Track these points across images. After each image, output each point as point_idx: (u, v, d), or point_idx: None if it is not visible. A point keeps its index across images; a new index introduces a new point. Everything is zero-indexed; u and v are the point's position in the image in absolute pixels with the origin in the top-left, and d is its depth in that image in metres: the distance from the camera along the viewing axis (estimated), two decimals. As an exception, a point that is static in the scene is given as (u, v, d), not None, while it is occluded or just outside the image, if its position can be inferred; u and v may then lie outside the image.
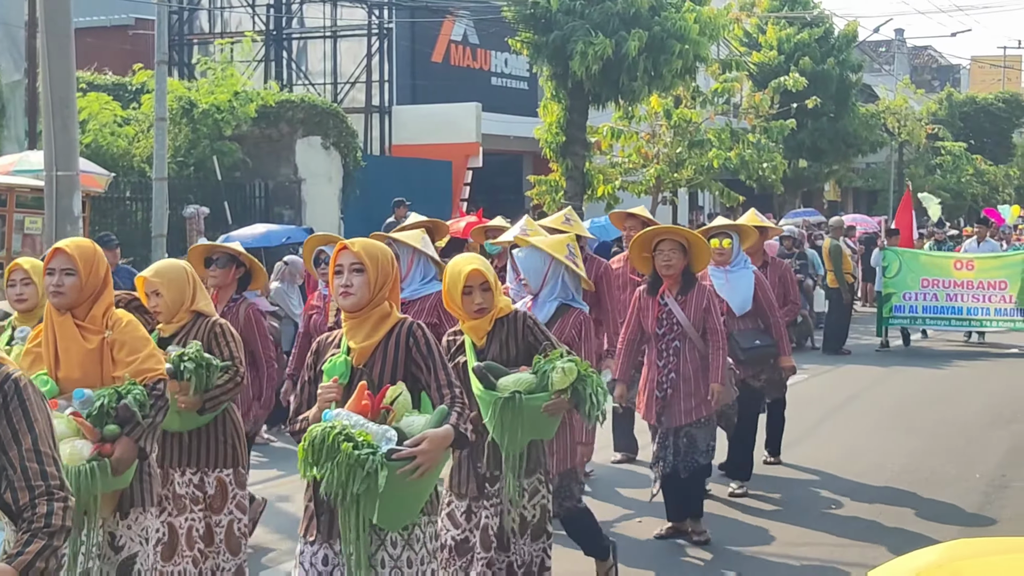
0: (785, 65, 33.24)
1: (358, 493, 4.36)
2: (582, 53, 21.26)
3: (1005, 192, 48.91)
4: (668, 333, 8.04)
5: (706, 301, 8.02)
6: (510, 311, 5.75)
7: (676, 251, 7.87)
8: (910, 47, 69.00)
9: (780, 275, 10.41)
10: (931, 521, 8.86)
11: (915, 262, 19.66)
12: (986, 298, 19.10)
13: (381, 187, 22.43)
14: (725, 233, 9.27)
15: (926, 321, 19.82)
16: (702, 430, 8.13)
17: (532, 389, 5.49)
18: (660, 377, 8.06)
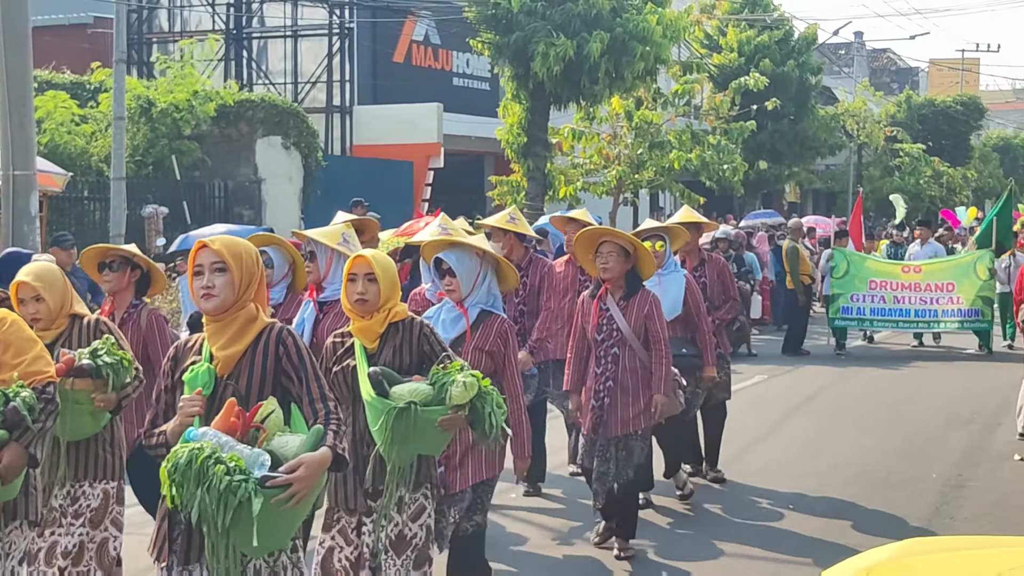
0: (745, 67, 33.40)
1: (228, 523, 4.02)
2: (543, 54, 21.28)
3: (963, 194, 49.31)
4: (607, 339, 7.73)
5: (648, 307, 7.69)
6: (406, 316, 5.40)
7: (616, 254, 7.55)
8: (869, 50, 69.49)
9: (719, 272, 10.01)
10: (889, 521, 8.91)
11: (863, 264, 19.59)
12: (933, 300, 19.00)
13: (342, 187, 22.34)
14: (657, 235, 8.87)
15: (873, 323, 19.69)
16: (639, 443, 7.81)
17: (428, 401, 5.12)
18: (598, 385, 7.73)
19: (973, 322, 18.88)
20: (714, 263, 10.10)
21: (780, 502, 9.50)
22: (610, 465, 7.73)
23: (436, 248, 6.38)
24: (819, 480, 10.27)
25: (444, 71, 30.66)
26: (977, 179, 53.02)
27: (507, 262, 6.49)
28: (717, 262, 10.20)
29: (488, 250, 6.31)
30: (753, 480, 10.29)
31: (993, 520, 8.93)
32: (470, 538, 6.26)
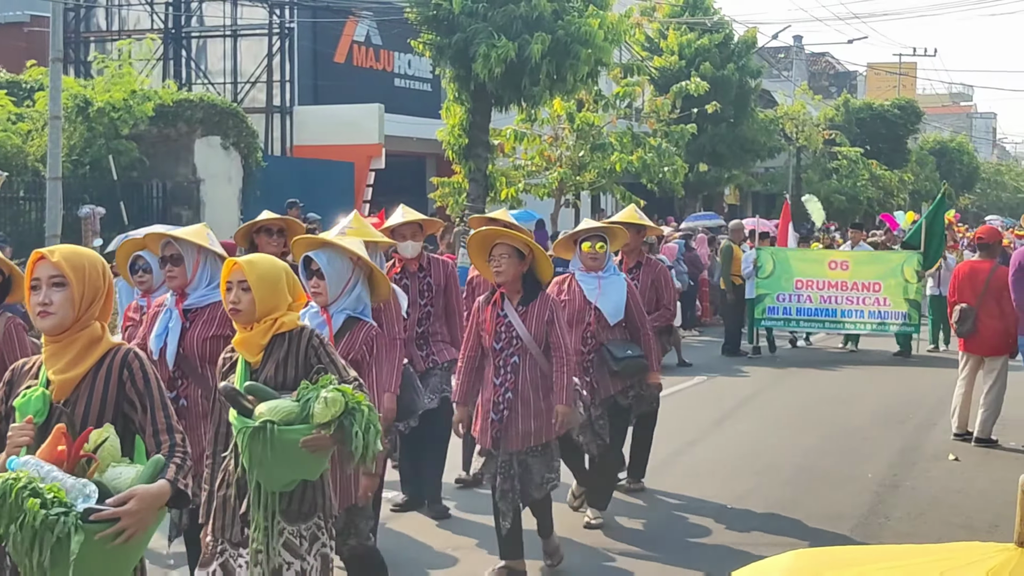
0: (686, 70, 33.61)
1: (44, 562, 3.58)
2: (485, 56, 21.25)
3: (900, 197, 49.88)
4: (506, 348, 7.27)
5: (549, 313, 7.26)
6: (295, 327, 5.00)
7: (510, 256, 7.10)
8: (808, 54, 70.15)
9: (654, 277, 9.63)
10: (825, 520, 8.99)
11: (789, 262, 19.33)
12: (860, 300, 18.86)
13: (282, 188, 22.23)
14: (597, 236, 8.55)
15: (799, 323, 19.57)
16: (539, 458, 7.35)
17: (291, 419, 4.68)
18: (496, 397, 7.28)
19: (900, 325, 18.88)
20: (651, 267, 9.77)
21: (718, 501, 9.55)
22: (514, 482, 7.29)
23: (307, 246, 6.04)
24: (756, 479, 10.35)
25: (385, 72, 30.58)
26: (914, 182, 53.67)
27: (380, 271, 6.12)
28: (654, 266, 9.85)
29: (363, 256, 5.93)
30: (691, 479, 10.35)
31: (926, 520, 9.05)
32: (346, 563, 5.98)
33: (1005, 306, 11.61)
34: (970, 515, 9.20)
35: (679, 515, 9.16)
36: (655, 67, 34.66)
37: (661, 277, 9.76)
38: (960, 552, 2.69)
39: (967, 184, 68.24)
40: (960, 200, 67.74)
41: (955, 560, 2.64)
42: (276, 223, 8.22)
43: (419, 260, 8.73)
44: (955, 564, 2.62)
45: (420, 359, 8.60)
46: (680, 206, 36.43)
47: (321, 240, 6.06)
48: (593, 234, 8.56)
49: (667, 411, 13.40)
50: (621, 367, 8.51)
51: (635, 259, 9.67)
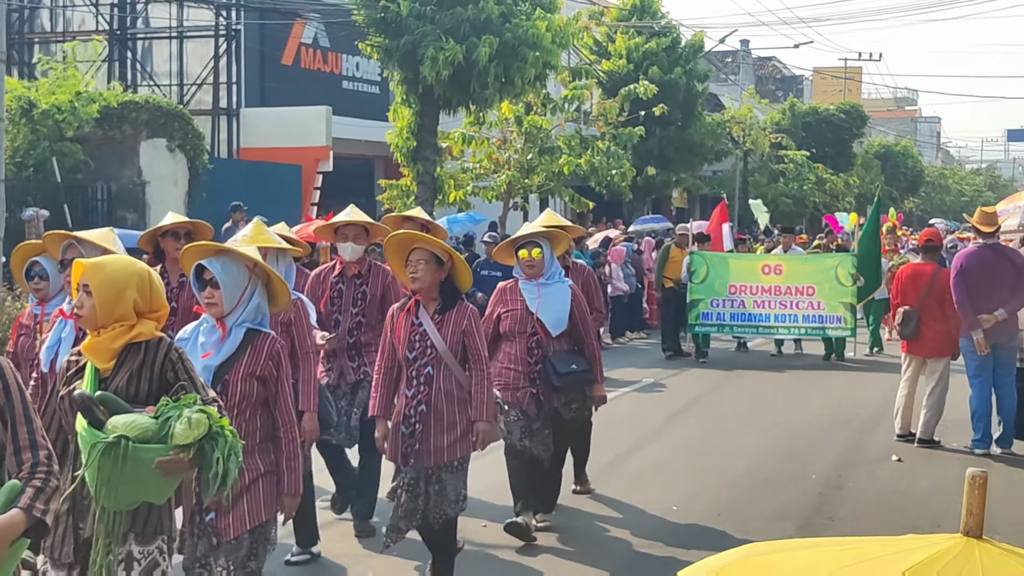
0: (634, 74, 33.73)
1: None
2: (433, 58, 21.25)
3: (845, 200, 50.31)
4: (420, 357, 6.89)
5: (467, 321, 6.93)
6: (152, 337, 4.66)
7: (426, 262, 6.78)
8: (755, 58, 70.63)
9: (583, 282, 9.33)
10: (770, 521, 9.05)
11: (723, 267, 19.11)
12: (793, 304, 18.72)
13: (228, 190, 22.07)
14: (534, 242, 8.22)
15: (733, 329, 19.39)
16: (455, 475, 6.99)
17: (147, 437, 4.34)
18: (408, 410, 6.90)
19: (835, 328, 18.74)
20: (579, 271, 9.53)
21: (664, 503, 9.59)
22: (419, 501, 6.92)
23: (198, 254, 5.59)
24: (702, 481, 10.40)
25: (333, 74, 30.46)
26: (859, 185, 54.18)
27: (280, 278, 5.71)
28: (582, 271, 9.66)
29: (260, 262, 5.56)
30: (638, 481, 10.39)
31: (870, 520, 9.12)
32: None
33: (947, 308, 11.75)
34: (913, 515, 9.29)
35: (624, 518, 9.18)
36: (603, 71, 34.80)
37: (590, 281, 9.59)
38: (908, 541, 2.76)
39: (912, 188, 68.96)
40: (905, 203, 68.43)
41: (902, 546, 2.71)
42: (183, 227, 7.97)
43: (359, 266, 8.45)
44: (902, 549, 2.68)
45: (351, 370, 8.31)
46: (628, 209, 36.56)
47: (214, 247, 5.63)
48: (529, 240, 8.27)
49: (614, 413, 13.49)
50: (563, 383, 8.27)
51: (562, 263, 9.14)
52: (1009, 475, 10.80)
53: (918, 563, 2.58)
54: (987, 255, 11.51)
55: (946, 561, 2.60)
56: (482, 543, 8.36)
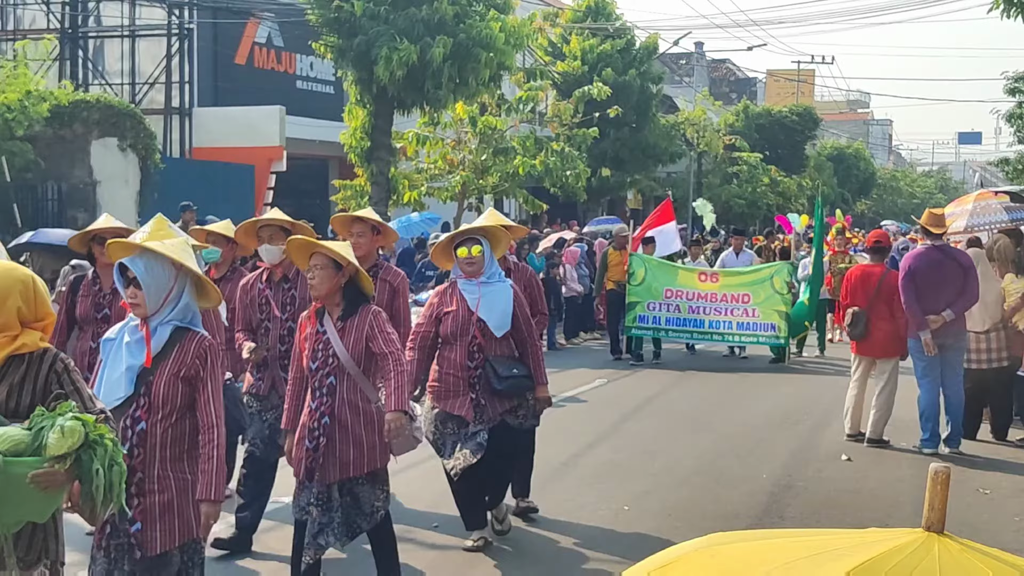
0: (588, 75, 33.83)
1: None
2: (387, 59, 21.23)
3: (798, 202, 50.68)
4: (323, 367, 6.62)
5: (369, 326, 6.62)
6: (36, 348, 4.41)
7: (323, 268, 6.56)
8: (709, 60, 70.99)
9: (526, 283, 9.13)
10: (721, 520, 9.08)
11: (661, 271, 19.00)
12: (728, 311, 18.57)
13: (181, 190, 21.96)
14: (473, 239, 7.96)
15: (668, 333, 19.10)
16: (366, 487, 6.71)
17: (20, 450, 4.04)
18: (312, 422, 6.60)
19: (768, 337, 18.67)
20: (521, 272, 9.26)
21: (615, 503, 9.61)
22: (334, 515, 6.65)
23: (120, 252, 5.34)
24: (654, 480, 10.44)
25: (287, 74, 30.37)
26: (812, 187, 54.53)
27: (207, 279, 5.42)
28: (525, 271, 9.37)
29: (185, 263, 5.22)
30: (589, 481, 10.41)
31: (820, 519, 9.19)
32: None
33: (896, 309, 11.86)
34: (862, 513, 9.36)
35: (576, 517, 9.19)
36: (558, 72, 34.87)
37: (532, 282, 9.31)
38: (870, 534, 2.80)
39: (864, 190, 69.58)
40: (857, 205, 69.03)
41: (863, 539, 2.75)
42: (111, 232, 7.76)
43: (284, 269, 8.12)
44: (862, 542, 2.72)
45: (284, 381, 7.65)
46: (583, 210, 36.67)
47: (136, 246, 5.34)
48: (468, 238, 8.00)
49: (566, 414, 13.54)
50: (505, 386, 7.91)
51: (503, 265, 8.88)
52: (957, 475, 10.90)
53: (877, 556, 2.62)
54: (935, 256, 11.63)
55: (905, 555, 2.64)
56: (433, 544, 8.36)
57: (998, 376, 12.30)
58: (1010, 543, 8.47)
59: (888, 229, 42.46)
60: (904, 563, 2.59)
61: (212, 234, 8.87)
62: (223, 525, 7.70)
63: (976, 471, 11.02)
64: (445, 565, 7.90)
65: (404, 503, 9.34)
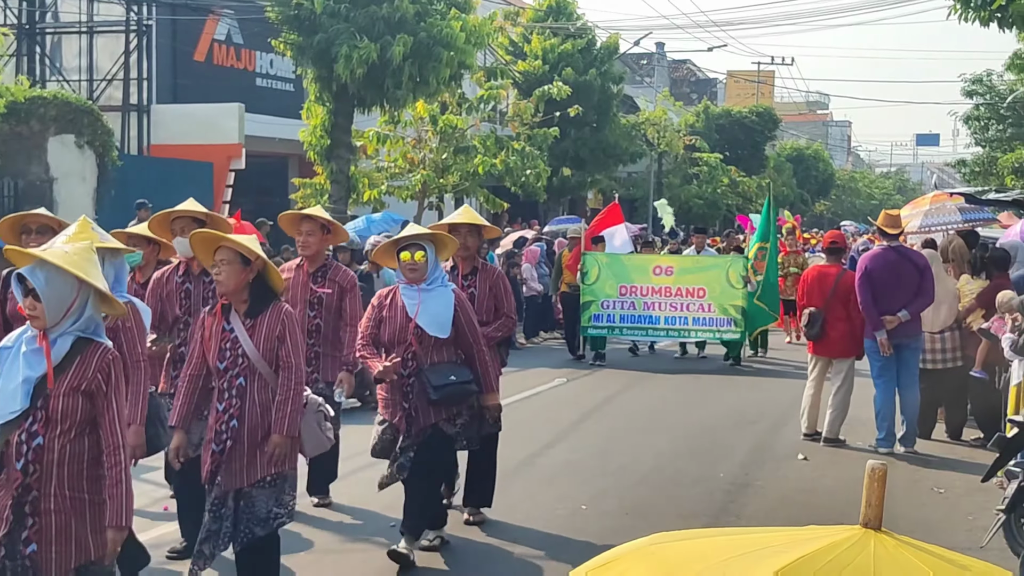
0: (549, 75, 33.83)
1: None
2: (347, 57, 21.15)
3: (758, 202, 50.88)
4: (231, 367, 6.34)
5: (282, 326, 6.34)
6: None
7: (230, 263, 6.28)
8: (669, 60, 71.19)
9: (492, 283, 8.77)
10: (678, 519, 9.11)
11: (614, 268, 18.71)
12: (684, 307, 18.40)
13: (138, 187, 21.82)
14: (417, 244, 7.67)
15: (623, 331, 18.95)
16: (266, 492, 6.41)
17: None
18: (220, 426, 6.35)
19: (725, 332, 18.51)
20: (488, 273, 8.85)
21: (573, 502, 9.63)
22: (224, 523, 6.37)
23: (21, 259, 5.02)
24: (611, 480, 10.47)
25: (247, 71, 30.21)
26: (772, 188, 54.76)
27: (107, 293, 5.02)
28: (491, 272, 8.93)
29: (87, 278, 4.85)
30: (548, 480, 10.43)
31: (776, 517, 9.24)
32: None
33: (852, 310, 11.95)
34: (818, 512, 9.41)
35: (534, 516, 9.20)
36: (519, 71, 34.87)
37: (499, 283, 8.84)
38: (809, 531, 2.85)
39: (823, 190, 69.98)
40: (816, 206, 69.42)
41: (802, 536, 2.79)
42: (37, 219, 7.58)
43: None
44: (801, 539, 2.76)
45: None
46: (543, 210, 36.69)
47: (35, 256, 4.90)
48: (412, 242, 7.69)
49: (526, 413, 13.57)
50: (440, 396, 7.55)
51: (471, 265, 8.76)
52: (912, 473, 11.01)
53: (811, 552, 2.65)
54: (891, 257, 11.72)
55: (841, 551, 2.67)
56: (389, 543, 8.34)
57: (953, 376, 12.42)
58: (963, 541, 8.54)
59: (847, 230, 42.83)
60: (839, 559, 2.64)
61: (132, 236, 8.43)
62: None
63: (931, 470, 11.12)
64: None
65: (360, 504, 9.32)
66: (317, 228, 8.46)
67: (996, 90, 41.10)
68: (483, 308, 8.59)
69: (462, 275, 8.72)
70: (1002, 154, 37.96)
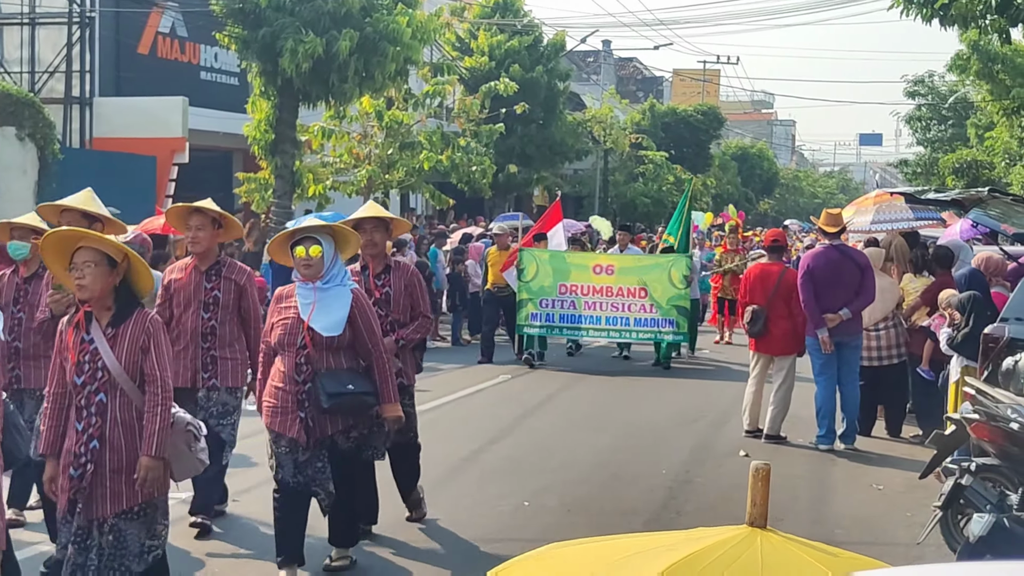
0: (496, 71, 33.86)
1: None
2: (292, 51, 21.04)
3: (703, 200, 51.20)
4: (90, 382, 5.72)
5: (145, 336, 5.76)
6: None
7: (96, 264, 5.66)
8: (616, 58, 71.44)
9: (407, 282, 8.25)
10: (619, 516, 9.15)
11: (554, 265, 18.05)
12: (625, 307, 17.83)
13: (80, 181, 21.30)
14: (312, 238, 7.10)
15: (563, 331, 18.42)
16: (136, 523, 5.84)
17: None
18: (78, 448, 5.73)
19: (666, 333, 17.93)
20: (402, 271, 8.31)
21: (515, 499, 9.63)
22: (90, 555, 5.77)
23: None
24: (553, 477, 10.48)
25: (191, 64, 29.94)
26: (716, 186, 55.18)
27: None
28: (406, 270, 8.37)
29: None
30: (489, 477, 10.43)
31: (717, 513, 9.28)
32: None
33: (794, 307, 12.05)
34: (757, 509, 9.47)
35: (476, 512, 9.20)
36: (465, 67, 34.84)
37: (414, 281, 8.31)
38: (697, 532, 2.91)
39: (767, 189, 70.57)
40: (760, 204, 69.94)
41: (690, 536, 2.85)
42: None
43: None
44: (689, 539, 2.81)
45: None
46: (489, 206, 36.68)
47: None
48: (306, 236, 7.13)
49: (470, 409, 13.56)
50: (333, 405, 7.01)
51: (382, 263, 8.25)
52: (851, 470, 11.12)
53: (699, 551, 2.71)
54: (833, 256, 11.83)
55: (727, 549, 2.74)
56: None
57: (893, 373, 12.55)
58: (902, 538, 8.66)
59: (791, 228, 43.22)
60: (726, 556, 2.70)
61: (18, 227, 7.93)
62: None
63: (870, 467, 11.23)
64: (343, 561, 7.85)
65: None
66: (208, 222, 7.92)
67: (938, 91, 41.62)
68: (399, 308, 8.19)
69: (374, 275, 8.20)
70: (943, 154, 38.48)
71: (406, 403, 8.04)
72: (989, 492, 7.33)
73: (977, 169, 33.77)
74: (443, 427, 12.71)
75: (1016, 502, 7.19)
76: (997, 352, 9.43)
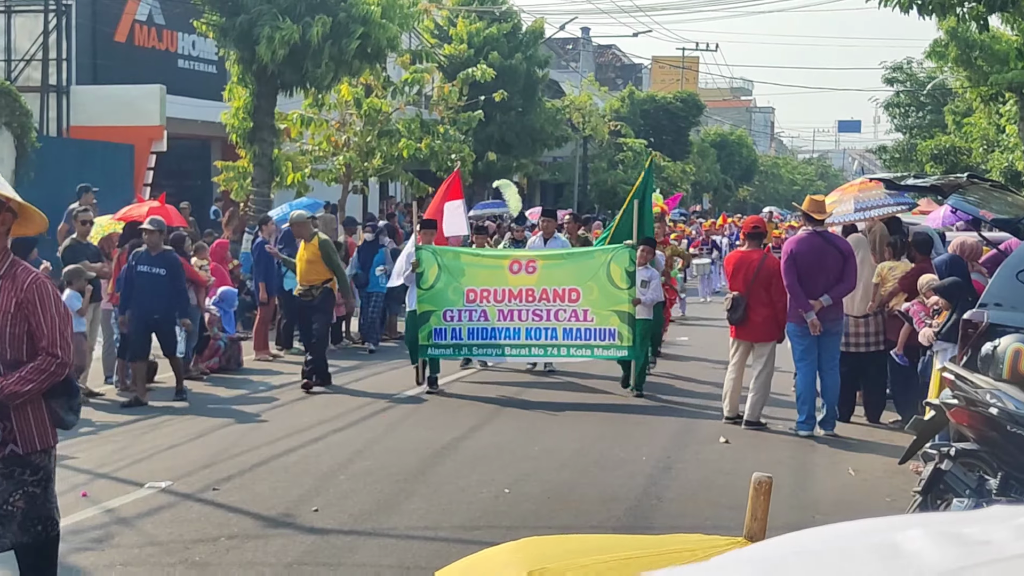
0: (475, 58, 33.83)
1: None
2: (269, 38, 21.00)
3: (682, 187, 51.26)
4: None
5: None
6: None
7: None
8: (595, 46, 71.41)
9: (21, 299, 5.42)
10: (600, 502, 9.16)
11: (459, 266, 14.27)
12: (552, 315, 13.99)
13: (58, 170, 21.49)
14: None
15: (473, 350, 14.50)
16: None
17: None
18: None
19: (607, 348, 14.08)
20: (17, 281, 5.52)
21: (496, 485, 9.63)
22: None
23: None
24: (534, 463, 10.48)
25: (169, 52, 29.81)
26: (696, 173, 55.24)
27: None
28: (23, 279, 5.53)
29: None
30: (471, 463, 10.42)
31: (697, 501, 9.31)
32: None
33: (774, 294, 12.08)
34: (738, 496, 9.43)
35: (457, 499, 9.19)
36: (444, 55, 34.79)
37: (36, 296, 5.53)
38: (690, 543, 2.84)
39: (746, 176, 70.69)
40: (739, 192, 70.06)
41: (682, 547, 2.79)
42: None
43: None
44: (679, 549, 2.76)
45: None
46: (468, 194, 36.63)
47: None
48: None
49: (450, 398, 13.53)
50: None
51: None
52: (832, 456, 11.15)
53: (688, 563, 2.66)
54: (816, 242, 11.85)
55: None
56: (311, 528, 8.29)
57: (873, 360, 12.61)
58: (881, 523, 8.65)
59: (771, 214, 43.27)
60: None
61: None
62: None
63: (850, 453, 11.26)
64: (324, 549, 7.83)
65: (286, 489, 9.26)
66: None
67: (916, 77, 41.74)
68: (4, 337, 5.49)
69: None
70: (921, 140, 38.59)
71: (27, 478, 5.56)
72: (968, 477, 7.37)
73: (955, 155, 33.93)
74: (424, 412, 12.71)
75: (995, 487, 7.22)
76: (976, 338, 9.46)
